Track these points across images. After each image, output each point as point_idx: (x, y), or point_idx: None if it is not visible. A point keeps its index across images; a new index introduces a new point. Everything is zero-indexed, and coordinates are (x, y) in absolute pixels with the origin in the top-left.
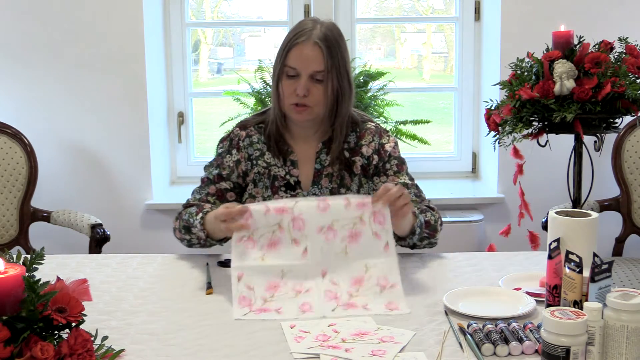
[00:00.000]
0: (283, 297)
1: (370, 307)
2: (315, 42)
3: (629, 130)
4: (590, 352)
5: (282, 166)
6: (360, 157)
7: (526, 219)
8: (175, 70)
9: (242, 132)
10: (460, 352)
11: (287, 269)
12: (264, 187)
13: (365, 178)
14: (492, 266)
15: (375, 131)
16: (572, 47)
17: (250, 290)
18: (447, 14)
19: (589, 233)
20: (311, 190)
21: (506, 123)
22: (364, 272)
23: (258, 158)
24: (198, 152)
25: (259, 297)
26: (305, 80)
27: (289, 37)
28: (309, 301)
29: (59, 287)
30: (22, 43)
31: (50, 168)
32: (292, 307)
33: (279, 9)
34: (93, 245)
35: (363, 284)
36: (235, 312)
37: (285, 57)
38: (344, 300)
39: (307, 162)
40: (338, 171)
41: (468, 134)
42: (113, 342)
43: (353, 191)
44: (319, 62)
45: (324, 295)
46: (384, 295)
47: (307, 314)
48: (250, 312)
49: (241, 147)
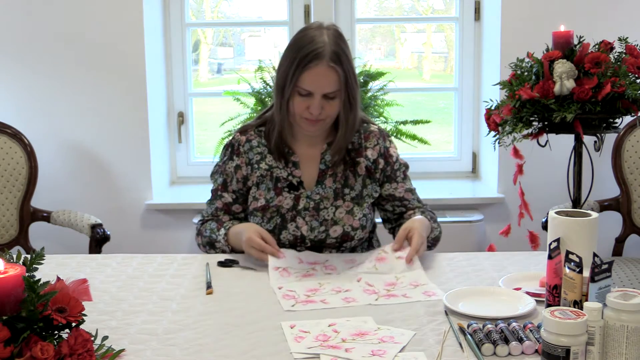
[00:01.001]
0: (325, 293)
1: (410, 295)
2: (330, 65)
3: (629, 130)
4: (590, 352)
5: (284, 167)
6: (365, 158)
7: (526, 219)
8: (175, 70)
9: (242, 137)
10: (460, 352)
11: (324, 282)
12: (266, 189)
13: (369, 179)
14: (492, 266)
15: (379, 134)
16: (572, 47)
17: (292, 292)
18: (447, 14)
19: (589, 233)
20: (315, 190)
21: (506, 123)
22: (395, 280)
23: (259, 162)
24: (198, 152)
25: (302, 294)
26: (318, 99)
27: (300, 57)
28: (351, 295)
29: (59, 287)
30: (22, 43)
31: (50, 168)
32: (336, 299)
33: (279, 9)
34: (93, 245)
35: (397, 284)
36: (283, 305)
37: (298, 79)
38: (383, 293)
39: (310, 162)
40: (342, 171)
41: (468, 134)
42: (113, 342)
43: (356, 191)
44: (333, 84)
45: (363, 292)
46: (418, 289)
47: (352, 303)
48: (298, 304)
49: (241, 152)
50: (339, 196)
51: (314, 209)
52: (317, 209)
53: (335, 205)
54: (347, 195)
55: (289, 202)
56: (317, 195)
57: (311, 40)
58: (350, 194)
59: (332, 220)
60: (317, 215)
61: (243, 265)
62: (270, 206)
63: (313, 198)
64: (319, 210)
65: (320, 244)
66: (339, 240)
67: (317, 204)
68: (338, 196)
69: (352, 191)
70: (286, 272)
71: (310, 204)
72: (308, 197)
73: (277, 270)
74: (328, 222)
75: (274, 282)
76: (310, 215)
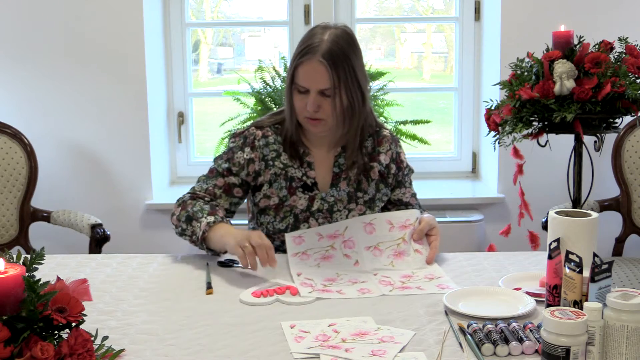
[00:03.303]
0: (342, 284)
1: (424, 287)
2: (320, 60)
3: (629, 130)
4: (590, 352)
5: (299, 167)
6: (378, 163)
7: (526, 219)
8: (175, 70)
9: (258, 132)
10: (460, 352)
11: (341, 272)
12: (279, 188)
13: (382, 184)
14: (492, 266)
15: (391, 139)
16: (572, 47)
17: (310, 280)
18: (447, 14)
19: (589, 233)
20: (329, 192)
21: (506, 123)
22: (412, 273)
23: (274, 159)
24: (198, 152)
25: (319, 283)
26: (314, 96)
27: (296, 53)
28: (366, 286)
29: (59, 287)
30: (22, 43)
31: (50, 168)
32: (352, 290)
33: (279, 9)
34: (93, 245)
35: (412, 277)
36: (301, 291)
37: (294, 75)
38: (398, 285)
39: (324, 164)
40: (356, 175)
41: (468, 134)
42: (113, 342)
43: (370, 195)
44: (325, 80)
45: (379, 283)
46: (433, 282)
47: (367, 294)
48: (314, 291)
49: (256, 146)
50: (352, 199)
51: (328, 211)
52: (330, 211)
53: (349, 208)
54: (360, 199)
55: (304, 202)
56: (332, 198)
57: (311, 37)
58: (364, 197)
59: None
60: (330, 217)
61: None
62: (285, 205)
63: (327, 200)
64: (332, 212)
65: None
66: None
67: (331, 206)
68: (352, 199)
69: (366, 195)
70: (305, 256)
71: (324, 206)
72: (322, 198)
73: (297, 255)
74: None
75: (293, 269)
76: (324, 217)
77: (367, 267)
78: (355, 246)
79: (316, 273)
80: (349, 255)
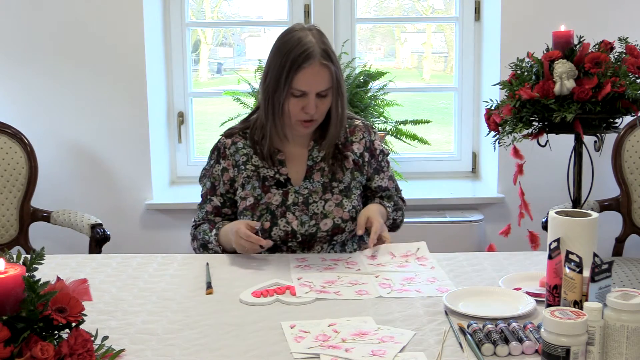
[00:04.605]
0: (341, 285)
1: (423, 290)
2: (323, 63)
3: (629, 130)
4: (590, 352)
5: (271, 167)
6: (352, 152)
7: (526, 219)
8: (175, 70)
9: (227, 140)
10: (460, 352)
11: (342, 275)
12: (252, 188)
13: (357, 172)
14: (492, 266)
15: (364, 128)
16: (572, 47)
17: (309, 282)
18: (447, 14)
19: (589, 233)
20: (303, 185)
21: (506, 123)
22: (414, 275)
23: (245, 163)
24: (198, 152)
25: (318, 284)
26: (313, 99)
27: (292, 59)
28: (364, 288)
29: (59, 287)
30: (22, 43)
31: (50, 168)
32: (349, 291)
33: (279, 9)
34: (93, 245)
35: (414, 279)
36: (298, 291)
37: (292, 81)
38: (397, 287)
39: (299, 159)
40: (330, 166)
41: (468, 134)
42: (113, 342)
43: (345, 184)
44: (326, 81)
45: (379, 285)
46: (433, 285)
47: (364, 296)
48: (311, 291)
49: (227, 155)
50: (327, 190)
51: (303, 204)
52: (306, 204)
53: (325, 198)
54: (336, 188)
55: (278, 198)
56: (306, 190)
57: (298, 41)
58: (339, 186)
59: (322, 213)
60: (306, 209)
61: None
62: (260, 203)
63: (301, 193)
64: (308, 204)
65: (311, 238)
66: (329, 234)
67: (306, 198)
68: (327, 190)
69: (341, 184)
70: (308, 267)
71: (299, 199)
72: (296, 192)
73: (299, 267)
74: (318, 215)
75: (294, 275)
76: (300, 210)
77: (369, 270)
78: (358, 264)
79: (316, 276)
80: (351, 267)
